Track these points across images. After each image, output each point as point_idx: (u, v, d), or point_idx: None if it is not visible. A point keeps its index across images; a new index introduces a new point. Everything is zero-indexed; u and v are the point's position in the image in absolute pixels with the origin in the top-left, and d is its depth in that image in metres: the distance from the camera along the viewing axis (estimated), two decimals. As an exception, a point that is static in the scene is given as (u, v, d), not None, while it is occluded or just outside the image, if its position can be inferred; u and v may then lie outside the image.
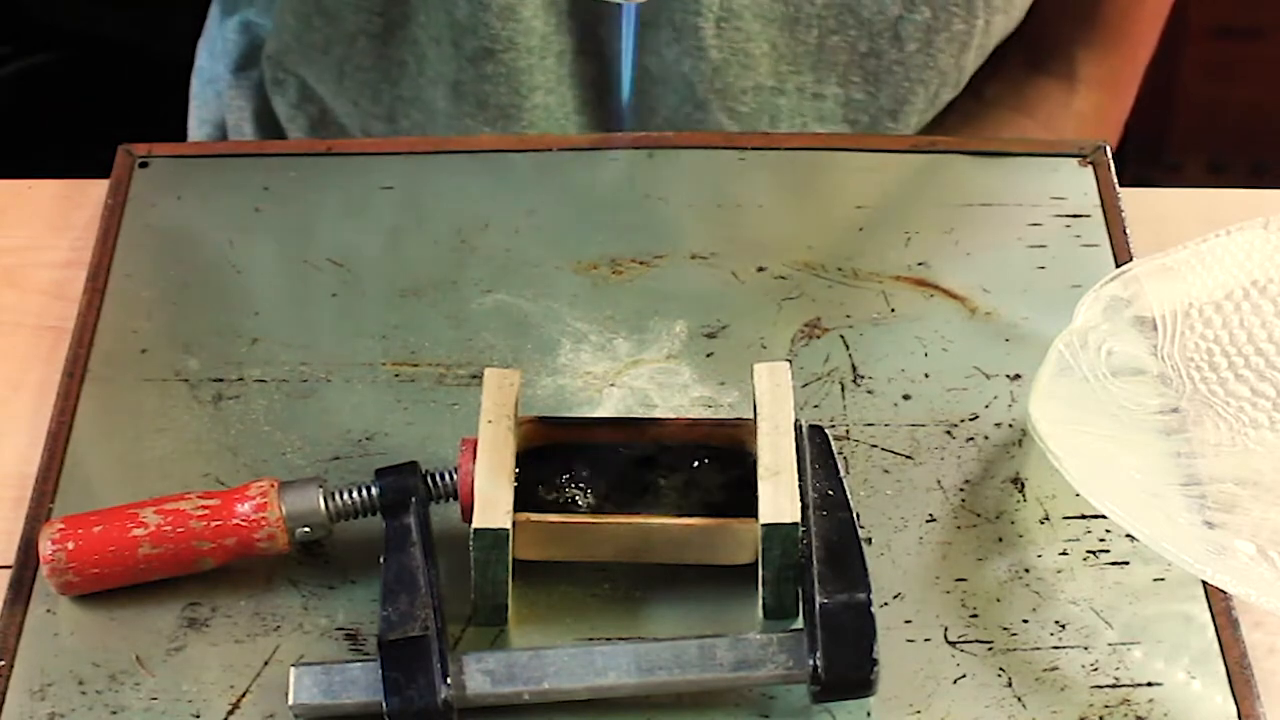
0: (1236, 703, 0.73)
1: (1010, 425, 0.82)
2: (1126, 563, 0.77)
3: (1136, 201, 0.91)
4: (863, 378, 0.84)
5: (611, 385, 0.83)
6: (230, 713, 0.72)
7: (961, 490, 0.79)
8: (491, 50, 1.00)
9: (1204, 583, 0.75)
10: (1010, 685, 0.73)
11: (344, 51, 1.05)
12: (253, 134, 1.14)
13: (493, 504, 0.72)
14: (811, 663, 0.70)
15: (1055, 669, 0.74)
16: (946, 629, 0.75)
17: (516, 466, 0.73)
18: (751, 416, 0.75)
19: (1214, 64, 1.70)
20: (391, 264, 0.88)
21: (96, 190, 0.92)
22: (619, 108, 0.98)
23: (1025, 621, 0.75)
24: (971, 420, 0.82)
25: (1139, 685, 0.73)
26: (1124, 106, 1.14)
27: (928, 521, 0.78)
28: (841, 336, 0.85)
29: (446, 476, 0.75)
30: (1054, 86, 1.11)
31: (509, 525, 0.71)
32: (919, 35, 1.01)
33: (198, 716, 0.72)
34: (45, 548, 0.74)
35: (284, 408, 0.82)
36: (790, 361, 0.81)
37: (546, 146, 0.94)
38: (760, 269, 0.88)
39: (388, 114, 1.06)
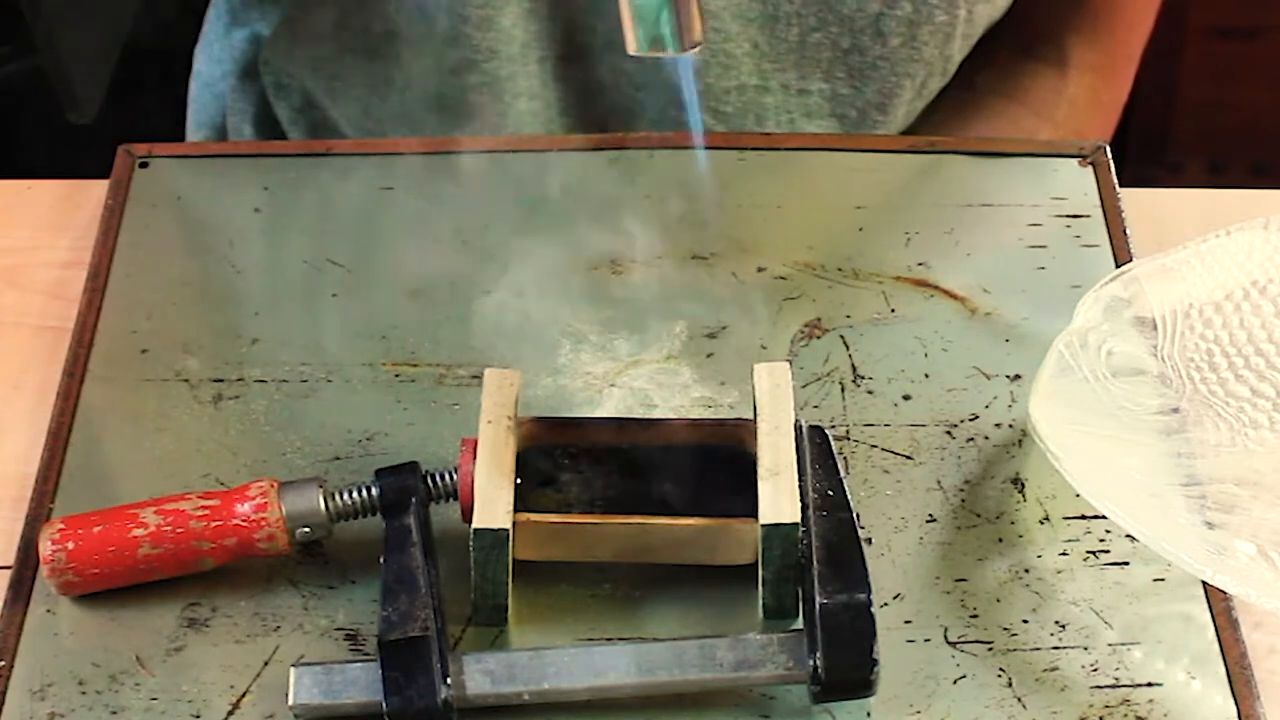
0: (1236, 703, 0.73)
1: (1010, 425, 0.82)
2: (1126, 563, 0.77)
3: (1136, 201, 0.91)
4: (863, 378, 0.84)
5: (611, 385, 0.83)
6: (230, 713, 0.72)
7: (961, 490, 0.79)
8: (473, 60, 1.00)
9: (1204, 583, 0.75)
10: (1010, 685, 0.73)
11: (332, 69, 1.05)
12: (252, 138, 1.14)
13: (493, 504, 0.72)
14: (811, 663, 0.70)
15: (1055, 669, 0.74)
16: (946, 629, 0.75)
17: (516, 466, 0.73)
18: (751, 416, 0.75)
19: (1214, 64, 1.70)
20: (391, 264, 0.88)
21: (96, 190, 0.92)
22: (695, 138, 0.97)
23: (1025, 621, 0.75)
24: (971, 420, 0.82)
25: (1139, 685, 0.73)
26: (1119, 92, 1.13)
27: (928, 521, 0.78)
28: (841, 336, 0.85)
29: (446, 476, 0.75)
30: (1046, 73, 1.10)
31: (509, 525, 0.72)
32: (902, 30, 1.01)
33: (198, 716, 0.72)
34: (45, 548, 0.74)
35: (284, 408, 0.82)
36: (790, 361, 0.81)
37: (546, 147, 0.94)
38: (760, 269, 0.88)
39: (379, 129, 1.06)
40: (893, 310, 0.86)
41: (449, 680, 0.70)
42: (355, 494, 0.74)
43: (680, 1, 0.71)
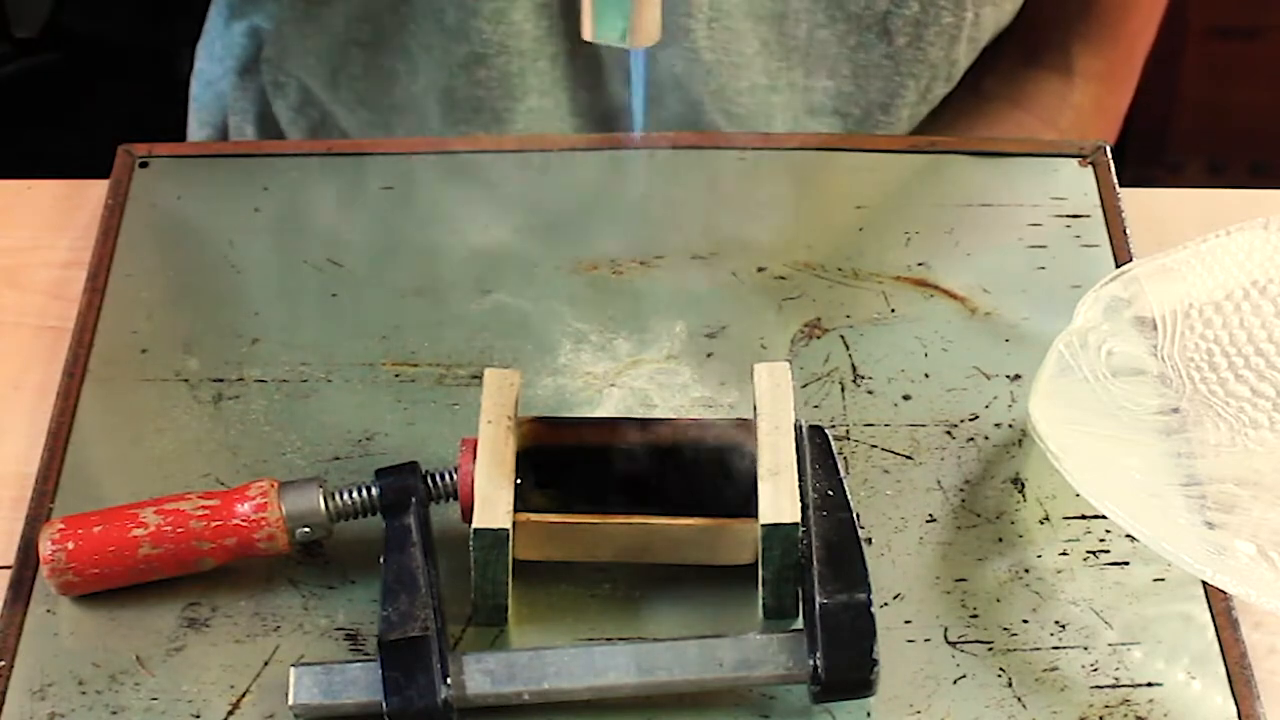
0: (1236, 703, 0.73)
1: (1010, 425, 0.82)
2: (1126, 563, 0.77)
3: (1136, 201, 0.91)
4: (863, 378, 0.84)
5: (611, 385, 0.83)
6: (230, 713, 0.72)
7: (961, 490, 0.79)
8: (483, 55, 1.00)
9: (1204, 583, 0.75)
10: (1010, 685, 0.73)
11: (337, 60, 1.05)
12: (254, 137, 1.13)
13: (493, 504, 0.72)
14: (811, 663, 0.70)
15: (1055, 669, 0.74)
16: (946, 629, 0.75)
17: (516, 466, 0.73)
18: (751, 416, 0.75)
19: (1214, 64, 1.70)
20: (391, 264, 0.88)
21: (96, 190, 0.92)
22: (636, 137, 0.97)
23: (1025, 621, 0.75)
24: (971, 420, 0.82)
25: (1139, 685, 0.73)
26: (1122, 100, 1.14)
27: (928, 521, 0.78)
28: (841, 336, 0.85)
29: (446, 476, 0.75)
30: (1051, 80, 1.11)
31: (509, 525, 0.72)
32: (908, 29, 1.01)
33: (198, 716, 0.72)
34: (45, 548, 0.74)
35: (284, 408, 0.82)
36: (790, 361, 0.81)
37: (546, 146, 0.94)
38: (760, 269, 0.88)
39: (383, 122, 1.06)
40: (893, 310, 0.86)
41: (449, 680, 0.70)
42: (355, 494, 0.74)
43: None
